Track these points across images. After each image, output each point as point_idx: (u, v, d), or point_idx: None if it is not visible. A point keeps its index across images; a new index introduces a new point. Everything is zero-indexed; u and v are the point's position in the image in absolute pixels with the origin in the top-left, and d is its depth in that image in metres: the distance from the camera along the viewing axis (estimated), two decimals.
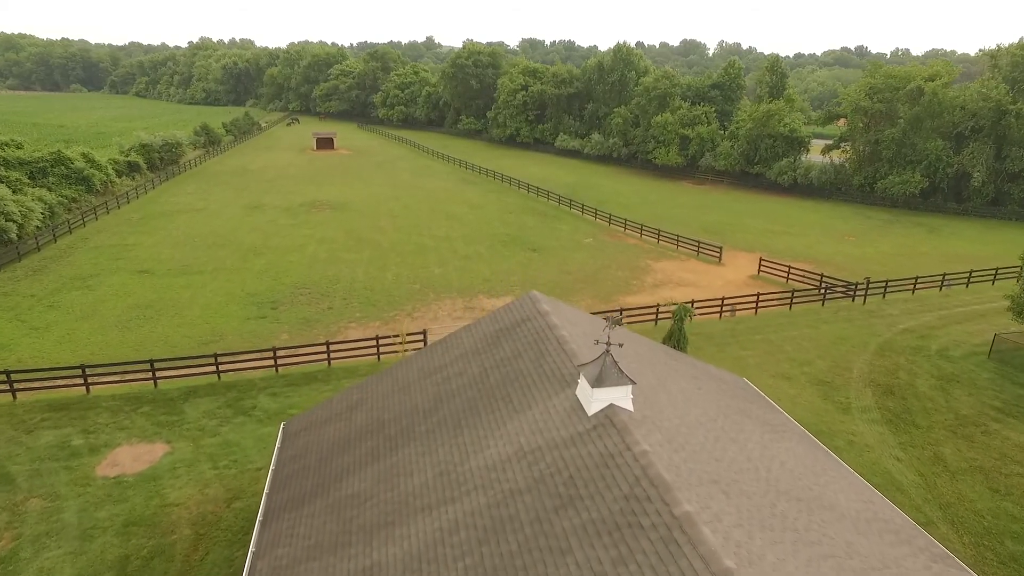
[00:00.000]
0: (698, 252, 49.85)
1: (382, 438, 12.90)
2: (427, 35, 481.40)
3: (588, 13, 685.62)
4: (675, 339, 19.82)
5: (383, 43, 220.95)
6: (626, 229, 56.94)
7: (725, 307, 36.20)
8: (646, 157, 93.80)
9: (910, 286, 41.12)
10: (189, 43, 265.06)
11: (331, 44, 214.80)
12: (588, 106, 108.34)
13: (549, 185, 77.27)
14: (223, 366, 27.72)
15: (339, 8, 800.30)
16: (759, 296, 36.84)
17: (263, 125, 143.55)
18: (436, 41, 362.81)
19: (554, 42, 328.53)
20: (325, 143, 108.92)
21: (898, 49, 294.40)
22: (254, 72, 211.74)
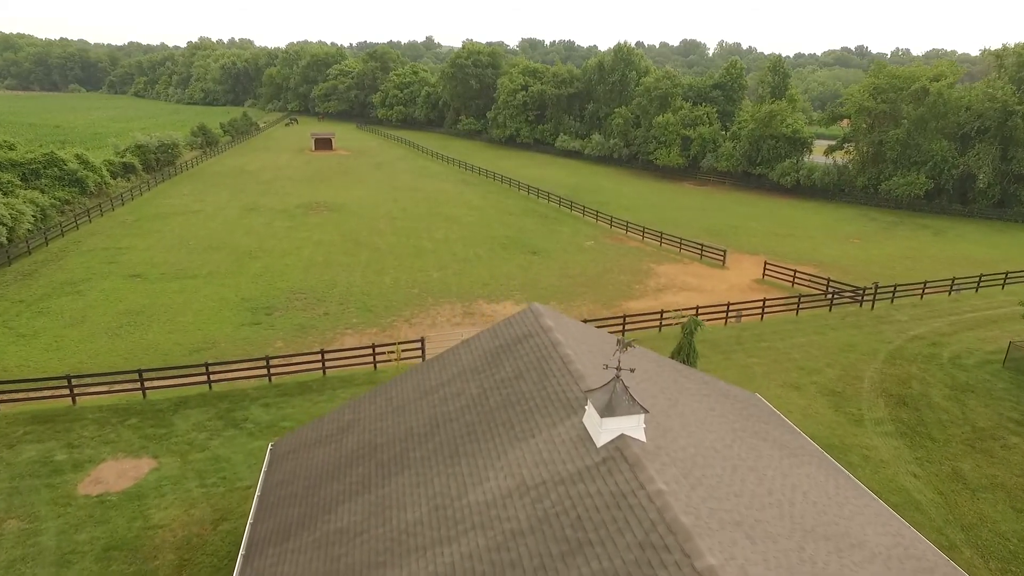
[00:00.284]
0: (701, 255, 49.01)
1: (374, 464, 12.04)
2: (427, 35, 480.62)
3: (588, 13, 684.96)
4: (684, 353, 19.01)
5: (383, 43, 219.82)
6: (628, 231, 56.10)
7: (731, 313, 35.35)
8: (647, 158, 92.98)
9: (919, 291, 40.27)
10: (188, 43, 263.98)
11: (330, 44, 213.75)
12: (588, 106, 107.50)
13: (549, 186, 76.44)
14: (214, 376, 26.87)
15: (339, 8, 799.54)
16: (765, 301, 36.00)
17: (261, 125, 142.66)
18: (436, 41, 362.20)
19: (554, 42, 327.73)
20: (323, 144, 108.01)
21: (898, 49, 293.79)
22: (253, 72, 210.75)
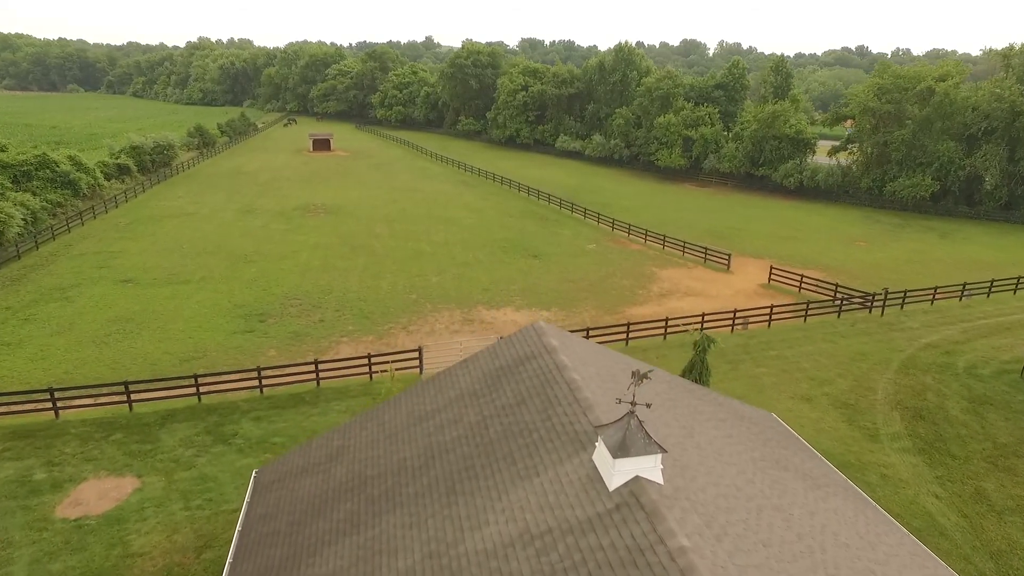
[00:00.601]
0: (705, 259, 48.01)
1: (364, 500, 11.07)
2: (426, 35, 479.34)
3: (588, 13, 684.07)
4: (697, 371, 18.07)
5: (382, 43, 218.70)
6: (630, 234, 55.13)
7: (737, 320, 34.37)
8: (648, 159, 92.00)
9: (929, 296, 39.30)
10: (187, 43, 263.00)
11: (330, 44, 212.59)
12: (589, 107, 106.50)
13: (550, 188, 75.46)
14: (204, 388, 25.86)
15: (338, 8, 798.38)
16: (772, 308, 35.02)
17: (260, 126, 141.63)
18: (435, 41, 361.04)
19: (554, 42, 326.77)
20: (322, 144, 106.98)
21: (899, 49, 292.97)
22: (251, 72, 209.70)
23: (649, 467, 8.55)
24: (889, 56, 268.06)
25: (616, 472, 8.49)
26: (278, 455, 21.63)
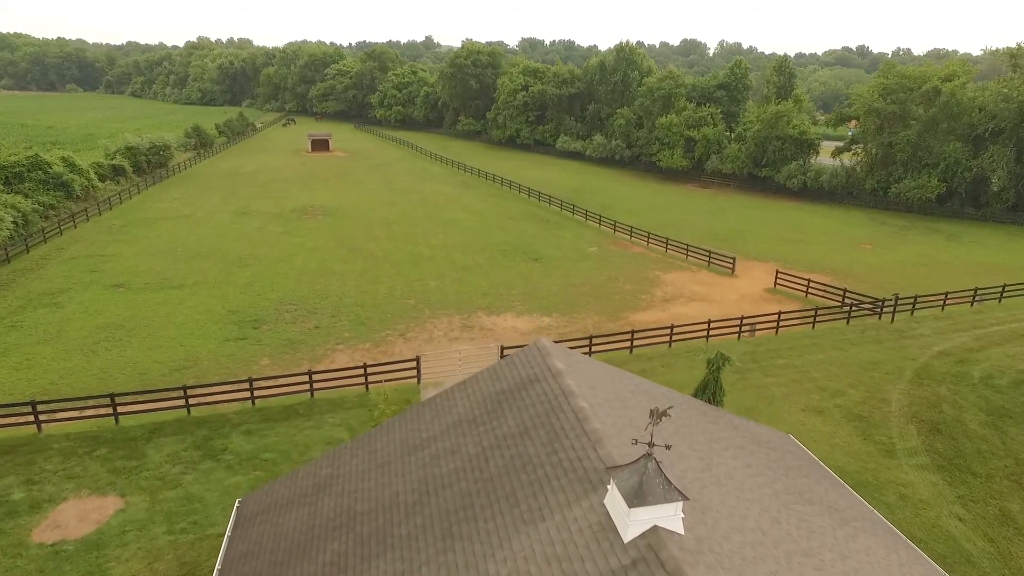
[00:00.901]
0: (709, 262, 47.07)
1: (352, 540, 10.14)
2: (426, 35, 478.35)
3: (588, 13, 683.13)
4: (710, 391, 17.17)
5: (381, 43, 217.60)
6: (632, 237, 54.20)
7: (744, 327, 33.44)
8: (650, 159, 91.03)
9: (939, 302, 38.35)
10: (187, 43, 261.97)
11: (329, 44, 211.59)
12: (590, 107, 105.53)
13: (550, 189, 74.52)
14: (193, 400, 24.94)
15: (338, 8, 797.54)
16: (780, 315, 34.08)
17: (258, 126, 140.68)
18: (435, 41, 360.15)
19: (554, 42, 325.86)
20: (320, 145, 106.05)
21: (899, 49, 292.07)
22: (250, 72, 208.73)
23: (668, 516, 7.63)
24: (889, 56, 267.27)
25: (632, 522, 7.56)
26: (268, 471, 20.72)
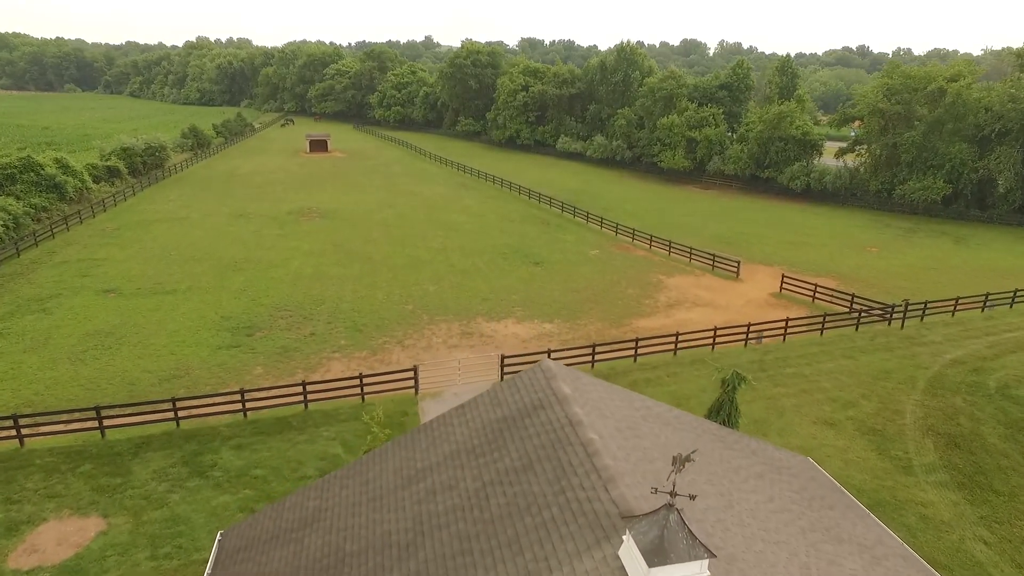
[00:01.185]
0: (713, 266, 46.20)
1: None
2: (425, 35, 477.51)
3: (588, 13, 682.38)
4: (725, 412, 16.31)
5: (381, 43, 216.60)
6: (634, 240, 53.34)
7: (751, 334, 32.56)
8: (651, 160, 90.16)
9: (950, 307, 37.46)
10: (186, 43, 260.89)
11: (328, 43, 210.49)
12: (590, 107, 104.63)
13: (551, 190, 73.64)
14: (183, 412, 24.06)
15: (337, 8, 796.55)
16: (788, 322, 33.19)
17: (257, 126, 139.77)
18: (435, 41, 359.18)
19: (554, 42, 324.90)
20: (318, 145, 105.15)
21: (900, 49, 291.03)
22: (249, 72, 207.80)
23: (693, 575, 6.76)
24: (890, 56, 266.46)
25: None
26: (258, 490, 19.83)
